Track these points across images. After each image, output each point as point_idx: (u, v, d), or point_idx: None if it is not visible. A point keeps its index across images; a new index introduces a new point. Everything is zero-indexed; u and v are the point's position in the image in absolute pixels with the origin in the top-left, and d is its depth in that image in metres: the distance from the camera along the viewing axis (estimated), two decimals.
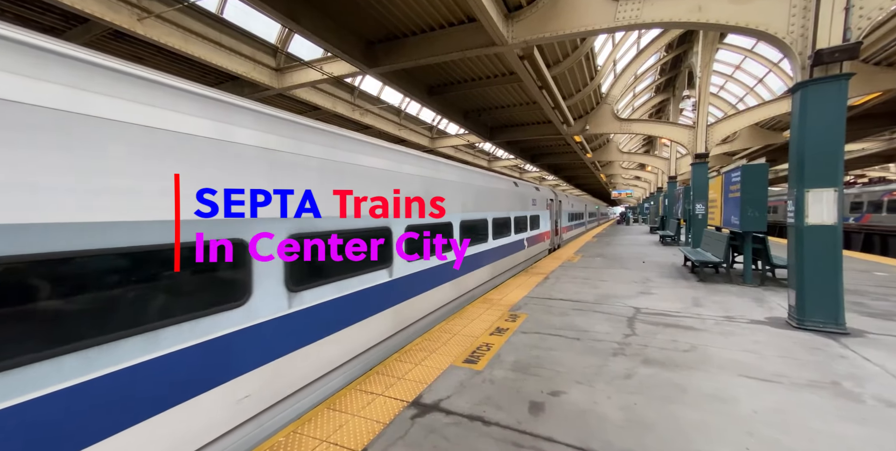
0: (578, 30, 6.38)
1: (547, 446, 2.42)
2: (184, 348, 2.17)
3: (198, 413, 2.24)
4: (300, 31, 6.69)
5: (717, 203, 8.87)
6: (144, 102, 2.09)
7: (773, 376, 3.36)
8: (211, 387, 2.32)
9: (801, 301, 4.62)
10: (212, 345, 2.32)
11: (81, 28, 7.54)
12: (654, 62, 18.87)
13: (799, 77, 4.62)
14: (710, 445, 2.40)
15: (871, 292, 6.49)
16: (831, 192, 4.39)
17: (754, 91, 23.47)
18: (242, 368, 2.51)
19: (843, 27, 4.27)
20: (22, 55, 1.67)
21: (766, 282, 7.33)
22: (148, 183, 2.06)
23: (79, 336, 1.77)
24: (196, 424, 2.24)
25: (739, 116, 12.53)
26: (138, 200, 2.01)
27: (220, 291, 2.42)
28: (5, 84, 1.60)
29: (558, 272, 8.89)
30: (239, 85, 10.17)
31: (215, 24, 8.36)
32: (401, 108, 15.96)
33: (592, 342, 4.25)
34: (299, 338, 2.99)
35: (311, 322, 3.11)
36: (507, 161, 28.16)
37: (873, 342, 4.14)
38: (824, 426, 2.59)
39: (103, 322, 1.86)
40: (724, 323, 4.88)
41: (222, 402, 2.38)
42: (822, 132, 4.40)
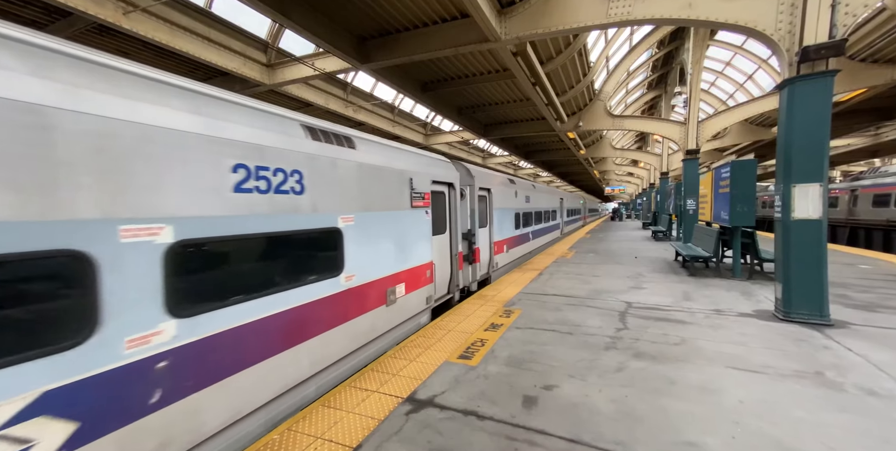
0: (571, 26, 6.39)
1: (540, 439, 2.46)
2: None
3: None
4: (291, 26, 6.59)
5: (707, 199, 8.99)
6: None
7: (760, 367, 3.45)
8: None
9: (788, 294, 4.73)
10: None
11: (64, 22, 7.34)
12: (646, 59, 18.97)
13: (786, 74, 4.69)
14: (698, 435, 2.46)
15: (855, 284, 6.65)
16: (817, 187, 4.48)
17: (744, 87, 23.74)
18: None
19: (830, 24, 4.33)
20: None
21: (754, 276, 7.47)
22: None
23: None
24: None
25: (729, 113, 12.67)
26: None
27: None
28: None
29: (552, 268, 8.96)
30: (229, 81, 10.00)
31: (203, 18, 8.20)
32: (394, 104, 15.86)
33: (585, 337, 4.30)
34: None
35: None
36: (502, 158, 28.18)
37: (856, 333, 4.26)
38: (808, 414, 2.67)
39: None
40: (713, 316, 4.97)
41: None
42: (808, 128, 4.48)
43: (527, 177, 37.87)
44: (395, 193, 4.50)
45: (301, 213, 3.12)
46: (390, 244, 4.39)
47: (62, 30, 7.36)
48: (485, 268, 7.92)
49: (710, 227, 8.64)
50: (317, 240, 3.34)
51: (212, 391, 2.39)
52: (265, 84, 9.94)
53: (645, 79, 22.10)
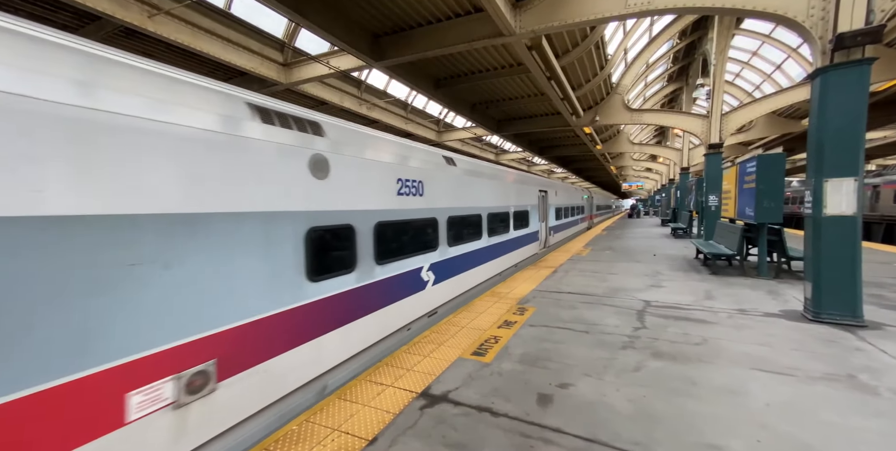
0: (588, 18, 6.23)
1: (555, 437, 2.44)
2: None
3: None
4: (306, 25, 6.67)
5: (731, 194, 8.67)
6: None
7: (787, 369, 3.31)
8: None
9: (818, 294, 4.52)
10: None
11: (94, 25, 7.65)
12: (666, 50, 18.35)
13: (819, 62, 4.45)
14: (721, 437, 2.39)
15: (891, 284, 6.31)
16: (851, 181, 4.25)
17: (772, 78, 22.72)
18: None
19: (866, 9, 4.08)
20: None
21: (781, 274, 7.18)
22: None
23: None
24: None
25: (756, 105, 12.15)
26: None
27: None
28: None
29: (567, 266, 8.84)
30: (248, 81, 10.22)
31: (223, 19, 8.40)
32: (407, 101, 15.89)
33: (601, 335, 4.23)
34: None
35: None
36: (515, 154, 27.89)
37: (892, 335, 4.04)
38: (839, 419, 2.56)
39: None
40: (737, 316, 4.81)
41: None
42: (842, 120, 4.25)
43: (541, 173, 37.37)
44: (528, 197, 10.07)
45: (504, 206, 8.03)
46: (523, 220, 9.50)
47: (92, 33, 7.67)
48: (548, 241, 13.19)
49: (734, 224, 8.33)
50: (518, 215, 9.00)
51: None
52: (282, 83, 10.12)
53: (665, 71, 21.42)
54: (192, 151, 2.31)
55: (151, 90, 2.19)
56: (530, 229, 10.11)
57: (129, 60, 2.20)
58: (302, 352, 3.01)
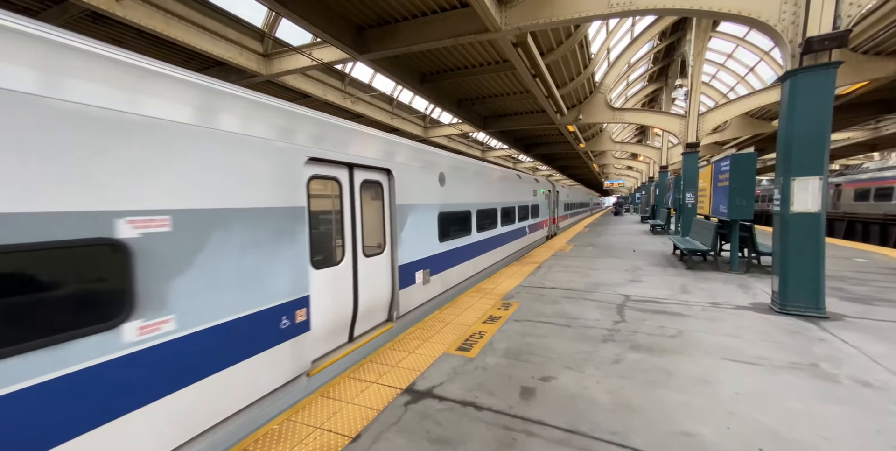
0: (572, 16, 6.29)
1: (537, 429, 2.49)
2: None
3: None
4: (287, 14, 6.47)
5: (706, 192, 8.98)
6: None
7: (755, 358, 3.48)
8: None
9: (784, 287, 4.75)
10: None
11: (57, 9, 7.19)
12: (647, 51, 18.73)
13: (789, 65, 4.64)
14: (693, 425, 2.49)
15: (851, 277, 6.70)
16: (816, 180, 4.47)
17: (745, 80, 23.58)
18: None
19: (834, 15, 4.27)
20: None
21: (751, 269, 7.51)
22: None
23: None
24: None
25: (730, 106, 12.58)
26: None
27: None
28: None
29: (550, 262, 8.99)
30: (225, 71, 9.85)
31: (199, 6, 8.03)
32: (393, 96, 15.68)
33: (583, 329, 4.33)
34: None
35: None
36: (501, 151, 28.02)
37: (851, 326, 4.30)
38: (802, 405, 2.70)
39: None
40: (710, 309, 5.00)
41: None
42: (809, 121, 4.45)
43: (526, 171, 37.71)
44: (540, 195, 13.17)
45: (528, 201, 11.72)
46: (539, 211, 12.90)
47: (56, 16, 7.21)
48: (554, 229, 16.67)
49: (709, 220, 8.64)
50: (533, 207, 12.24)
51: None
52: (262, 74, 9.80)
53: (646, 71, 21.89)
54: (427, 180, 5.40)
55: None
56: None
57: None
58: (445, 272, 5.95)
